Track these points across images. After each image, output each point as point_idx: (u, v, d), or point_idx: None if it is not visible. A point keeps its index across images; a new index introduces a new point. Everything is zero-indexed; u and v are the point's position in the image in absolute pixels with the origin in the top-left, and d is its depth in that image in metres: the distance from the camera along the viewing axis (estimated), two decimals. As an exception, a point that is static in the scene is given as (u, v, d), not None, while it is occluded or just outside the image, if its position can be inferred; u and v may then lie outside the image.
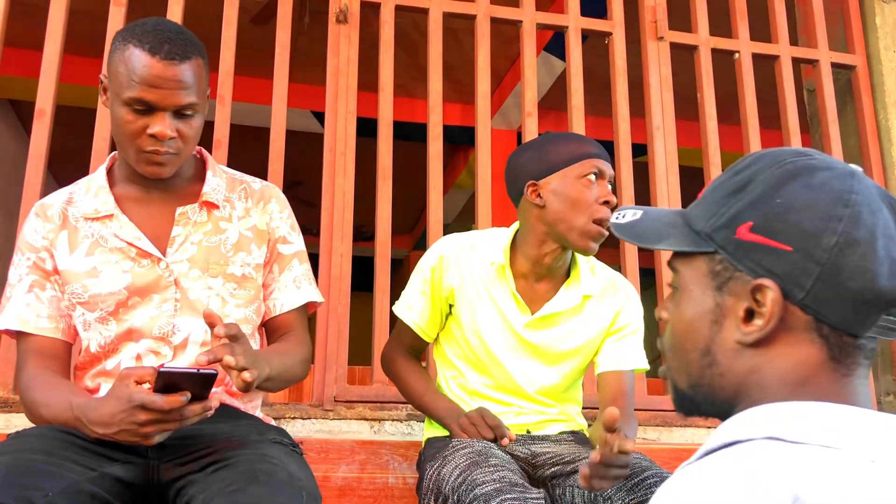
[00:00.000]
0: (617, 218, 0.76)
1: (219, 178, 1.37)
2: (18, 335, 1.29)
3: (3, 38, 2.17)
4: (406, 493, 1.95)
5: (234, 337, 1.08)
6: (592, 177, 1.49)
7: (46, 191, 2.10)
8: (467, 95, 4.98)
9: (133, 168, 1.29)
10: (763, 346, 0.65)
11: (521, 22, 2.57)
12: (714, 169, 2.59)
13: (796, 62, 2.82)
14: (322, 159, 2.28)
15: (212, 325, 1.09)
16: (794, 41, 2.86)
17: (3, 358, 1.97)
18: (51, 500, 0.99)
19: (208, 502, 1.07)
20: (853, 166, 0.67)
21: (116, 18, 2.24)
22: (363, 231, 3.71)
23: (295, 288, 1.40)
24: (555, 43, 4.26)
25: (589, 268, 1.61)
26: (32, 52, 3.87)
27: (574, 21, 2.61)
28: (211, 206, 1.34)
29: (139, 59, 1.19)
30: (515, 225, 1.61)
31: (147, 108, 1.20)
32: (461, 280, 1.57)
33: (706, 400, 0.70)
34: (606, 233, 1.49)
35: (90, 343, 1.30)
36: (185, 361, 1.29)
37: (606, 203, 1.49)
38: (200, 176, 1.37)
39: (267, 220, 1.39)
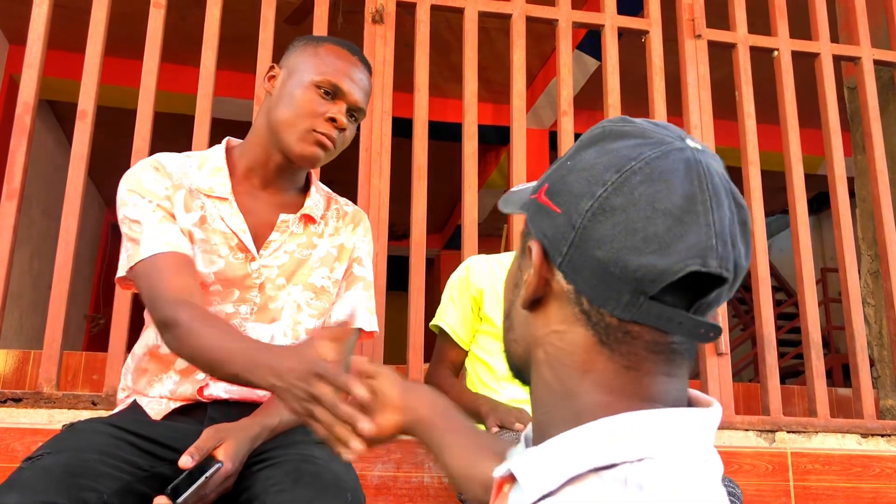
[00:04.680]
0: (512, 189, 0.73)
1: (319, 195, 1.42)
2: (153, 260, 1.20)
3: (46, 41, 2.21)
4: (441, 492, 1.95)
5: None
6: None
7: (88, 191, 2.13)
8: (499, 94, 4.97)
9: (264, 158, 1.34)
10: (540, 312, 0.62)
11: (557, 21, 2.55)
12: (753, 168, 2.55)
13: (837, 60, 2.77)
14: (355, 159, 2.29)
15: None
16: (834, 38, 2.81)
17: (46, 354, 2.00)
18: (106, 500, 1.00)
19: (252, 501, 1.08)
20: (695, 144, 0.58)
21: (156, 19, 2.27)
22: (395, 230, 3.72)
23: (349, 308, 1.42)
24: (587, 41, 4.23)
25: None
26: (71, 54, 3.93)
27: (610, 19, 2.59)
28: (309, 219, 1.38)
29: (340, 54, 1.35)
30: None
31: (333, 96, 1.32)
32: (491, 282, 1.76)
33: (511, 367, 0.68)
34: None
35: None
36: None
37: None
38: (305, 189, 1.42)
39: (354, 240, 1.43)
